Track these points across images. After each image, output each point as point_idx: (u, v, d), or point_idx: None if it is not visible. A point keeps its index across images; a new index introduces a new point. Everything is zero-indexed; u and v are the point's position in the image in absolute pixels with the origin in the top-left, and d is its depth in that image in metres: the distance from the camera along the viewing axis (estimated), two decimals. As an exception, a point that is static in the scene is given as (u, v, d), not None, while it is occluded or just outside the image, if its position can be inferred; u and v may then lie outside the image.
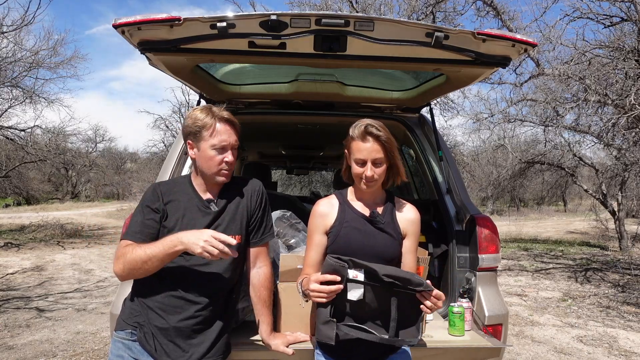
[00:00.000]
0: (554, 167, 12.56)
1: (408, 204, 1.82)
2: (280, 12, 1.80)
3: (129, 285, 1.86)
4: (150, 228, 1.69)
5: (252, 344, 1.94)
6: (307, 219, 1.87)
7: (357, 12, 9.10)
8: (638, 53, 6.60)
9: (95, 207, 26.77)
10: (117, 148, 38.36)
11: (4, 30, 9.28)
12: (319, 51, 2.00)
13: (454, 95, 10.62)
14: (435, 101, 6.84)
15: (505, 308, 2.39)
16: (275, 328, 2.00)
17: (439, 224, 2.83)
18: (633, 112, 6.20)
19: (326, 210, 1.75)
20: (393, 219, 1.74)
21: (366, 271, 1.56)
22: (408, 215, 1.78)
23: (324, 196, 2.01)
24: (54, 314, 5.35)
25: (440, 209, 2.73)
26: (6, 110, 12.04)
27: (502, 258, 8.23)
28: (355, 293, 1.55)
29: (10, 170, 15.65)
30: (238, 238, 1.79)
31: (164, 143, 21.45)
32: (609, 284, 7.19)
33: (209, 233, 1.52)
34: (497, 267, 2.48)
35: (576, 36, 14.52)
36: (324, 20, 1.82)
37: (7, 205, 27.61)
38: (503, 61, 2.09)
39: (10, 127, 12.63)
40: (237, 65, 2.69)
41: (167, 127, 20.73)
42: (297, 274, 1.86)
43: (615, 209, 10.88)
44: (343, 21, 1.83)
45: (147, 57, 2.13)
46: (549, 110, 9.03)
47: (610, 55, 7.04)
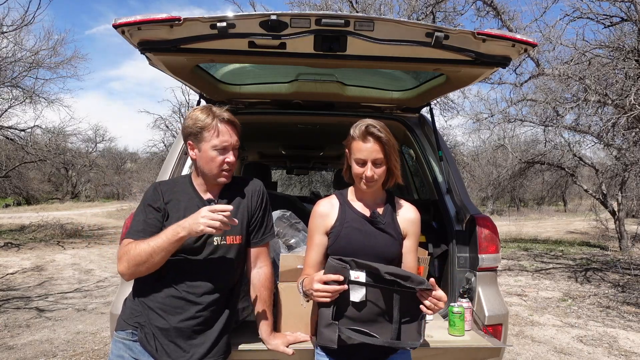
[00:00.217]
0: (554, 167, 12.56)
1: (408, 204, 1.82)
2: (280, 12, 1.80)
3: (129, 285, 1.86)
4: (152, 227, 1.69)
5: (252, 344, 1.93)
6: (307, 219, 1.87)
7: (357, 12, 9.10)
8: (638, 53, 6.60)
9: (95, 207, 26.77)
10: (117, 148, 38.42)
11: (4, 30, 9.29)
12: (319, 51, 2.00)
13: (454, 95, 10.63)
14: (435, 101, 6.84)
15: (505, 308, 2.39)
16: (275, 328, 2.00)
17: (439, 224, 2.83)
18: (633, 112, 6.20)
19: (327, 211, 1.75)
20: (393, 219, 1.74)
21: (368, 271, 1.56)
22: (408, 215, 1.78)
23: (324, 196, 2.01)
24: (54, 314, 5.35)
25: (440, 209, 2.73)
26: (6, 110, 12.06)
27: (502, 258, 8.23)
28: (357, 294, 1.55)
29: (10, 170, 15.65)
30: (239, 239, 1.79)
31: (164, 143, 21.45)
32: (609, 284, 7.19)
33: (206, 209, 1.53)
34: (497, 267, 2.48)
35: (576, 36, 14.55)
36: (324, 20, 1.82)
37: (7, 205, 27.61)
38: (503, 61, 2.09)
39: (10, 127, 12.63)
40: (237, 65, 2.69)
41: (167, 127, 20.74)
42: (297, 274, 1.86)
43: (615, 209, 10.88)
44: (343, 21, 1.83)
45: (147, 57, 2.13)
46: (549, 110, 9.03)
47: (610, 55, 7.04)
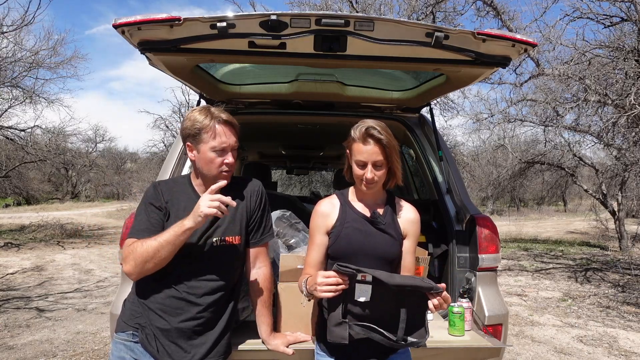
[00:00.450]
0: (554, 167, 12.57)
1: (408, 204, 1.82)
2: (280, 12, 1.80)
3: (128, 286, 1.86)
4: (155, 226, 1.69)
5: (252, 344, 1.93)
6: (307, 219, 1.87)
7: (357, 12, 9.10)
8: (638, 53, 6.60)
9: (95, 207, 26.77)
10: (117, 148, 38.40)
11: (4, 30, 9.29)
12: (319, 51, 2.00)
13: (454, 95, 10.63)
14: (435, 101, 6.84)
15: (505, 308, 2.39)
16: (275, 328, 2.00)
17: (439, 224, 2.83)
18: (633, 112, 6.20)
19: (327, 210, 1.75)
20: (393, 220, 1.75)
21: (375, 278, 1.55)
22: (408, 215, 1.78)
23: (324, 196, 2.01)
24: (54, 314, 5.35)
25: (440, 209, 2.73)
26: (6, 110, 12.07)
27: (502, 258, 8.23)
28: (363, 294, 1.55)
29: (10, 170, 15.65)
30: (238, 239, 1.79)
31: (164, 143, 21.45)
32: (609, 284, 7.19)
33: (204, 197, 1.55)
34: (497, 267, 2.48)
35: (576, 36, 14.56)
36: (324, 20, 1.82)
37: (7, 205, 27.61)
38: (503, 61, 2.09)
39: (10, 127, 12.63)
40: (237, 65, 2.69)
41: (167, 127, 20.73)
42: (297, 274, 1.86)
43: (615, 209, 10.88)
44: (343, 21, 1.83)
45: (147, 57, 2.13)
46: (549, 110, 9.03)
47: (610, 55, 7.04)
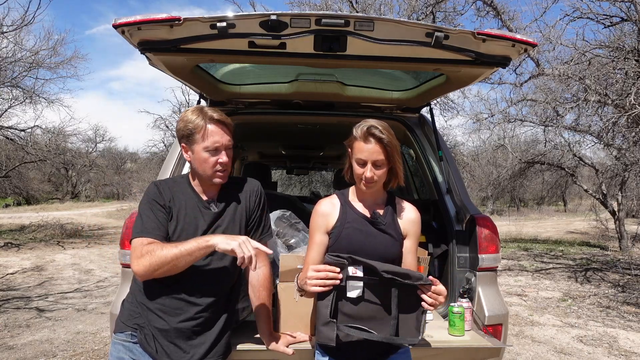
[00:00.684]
0: (554, 167, 12.57)
1: (409, 204, 1.82)
2: (280, 12, 1.80)
3: (128, 286, 1.85)
4: (164, 224, 1.69)
5: (252, 344, 1.93)
6: (307, 218, 1.87)
7: (357, 12, 9.10)
8: (638, 53, 6.60)
9: (95, 207, 26.77)
10: (117, 148, 38.38)
11: (4, 30, 9.28)
12: (319, 51, 2.00)
13: (454, 95, 10.63)
14: (435, 101, 6.85)
15: (505, 308, 2.39)
16: (275, 328, 2.00)
17: (439, 224, 2.83)
18: (633, 112, 6.20)
19: (328, 210, 1.75)
20: (394, 220, 1.75)
21: (365, 267, 1.57)
22: (409, 215, 1.78)
23: (324, 196, 2.01)
24: (54, 314, 5.35)
25: (440, 209, 2.73)
26: (6, 110, 12.05)
27: (502, 258, 8.23)
28: (354, 291, 1.55)
29: (10, 170, 15.64)
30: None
31: (164, 143, 21.44)
32: (609, 284, 7.19)
33: (246, 241, 1.53)
34: (497, 267, 2.48)
35: (576, 36, 14.54)
36: (324, 20, 1.82)
37: (7, 205, 27.60)
38: (503, 61, 2.09)
39: (10, 127, 12.62)
40: (237, 65, 2.69)
41: (167, 127, 20.70)
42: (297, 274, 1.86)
43: (615, 209, 10.88)
44: (343, 21, 1.83)
45: (147, 57, 2.13)
46: (549, 110, 9.03)
47: (610, 55, 7.04)
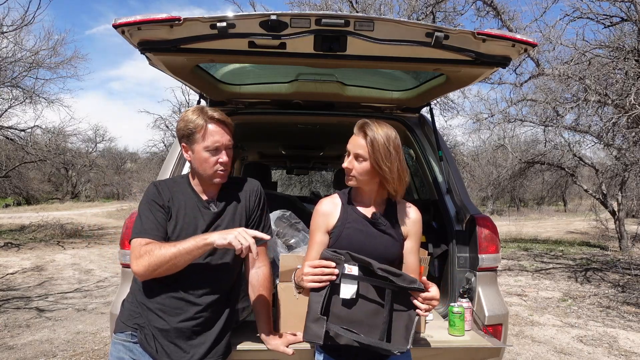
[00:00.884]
0: (554, 167, 12.56)
1: (410, 204, 1.82)
2: (280, 12, 1.80)
3: (128, 286, 1.85)
4: (163, 224, 1.69)
5: (252, 344, 1.93)
6: (307, 219, 1.87)
7: (357, 12, 9.10)
8: (638, 53, 6.60)
9: (95, 207, 26.77)
10: (117, 148, 38.39)
11: (4, 30, 9.28)
12: (319, 51, 2.00)
13: (454, 95, 10.63)
14: (435, 101, 6.84)
15: (505, 308, 2.39)
16: (275, 328, 2.00)
17: (439, 224, 2.82)
18: (633, 112, 6.20)
19: (329, 210, 1.75)
20: (395, 221, 1.74)
21: (361, 265, 1.57)
22: (409, 216, 1.78)
23: (325, 196, 2.01)
24: (54, 314, 5.35)
25: (440, 209, 2.73)
26: (6, 110, 12.05)
27: (502, 258, 8.23)
28: (348, 291, 1.55)
29: (10, 170, 15.64)
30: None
31: (164, 143, 21.43)
32: (609, 284, 7.19)
33: (241, 231, 1.55)
34: (497, 267, 2.48)
35: (576, 36, 14.55)
36: (324, 20, 1.82)
37: (7, 205, 27.60)
38: (503, 61, 2.09)
39: (10, 127, 12.62)
40: (237, 65, 2.69)
41: (167, 127, 20.69)
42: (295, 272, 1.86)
43: (615, 209, 10.87)
44: (343, 21, 1.83)
45: (147, 57, 2.13)
46: (549, 110, 9.03)
47: (610, 55, 7.04)
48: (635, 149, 7.57)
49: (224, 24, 1.82)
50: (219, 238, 1.54)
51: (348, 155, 1.68)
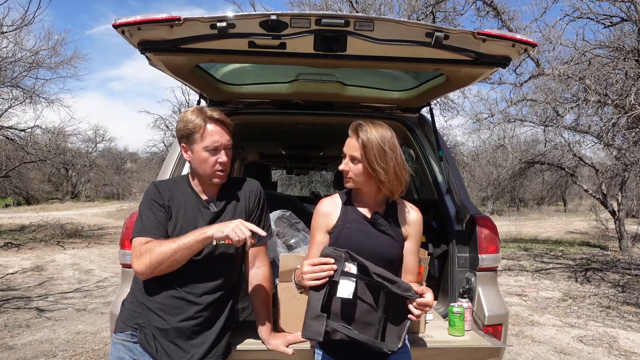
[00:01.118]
0: (554, 167, 12.57)
1: (410, 205, 1.82)
2: (280, 12, 1.80)
3: (128, 286, 1.85)
4: (163, 224, 1.70)
5: (252, 344, 1.94)
6: (307, 219, 1.87)
7: (357, 12, 9.10)
8: (638, 53, 6.60)
9: (95, 207, 26.77)
10: (117, 148, 38.38)
11: (4, 30, 9.28)
12: (319, 51, 2.00)
13: (454, 95, 10.63)
14: (435, 101, 6.85)
15: (505, 308, 2.39)
16: (275, 328, 2.00)
17: (439, 224, 2.83)
18: (633, 112, 6.20)
19: (329, 210, 1.75)
20: (395, 221, 1.74)
21: (359, 264, 1.57)
22: (410, 216, 1.78)
23: (325, 196, 2.01)
24: (54, 314, 5.35)
25: (440, 209, 2.73)
26: (6, 110, 12.06)
27: (502, 258, 8.23)
28: (346, 290, 1.55)
29: (10, 170, 15.64)
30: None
31: (164, 143, 21.44)
32: (609, 284, 7.19)
33: (237, 223, 1.57)
34: (497, 267, 2.48)
35: (576, 36, 14.55)
36: (324, 20, 1.82)
37: (7, 205, 27.60)
38: (503, 61, 2.09)
39: (10, 127, 12.63)
40: (237, 65, 2.69)
41: (167, 127, 20.69)
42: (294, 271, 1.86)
43: (615, 209, 10.88)
44: (343, 21, 1.83)
45: (147, 57, 2.13)
46: (549, 110, 9.03)
47: (610, 55, 7.04)
48: (635, 149, 7.57)
49: (224, 24, 1.82)
50: (217, 231, 1.56)
51: (344, 157, 1.68)
